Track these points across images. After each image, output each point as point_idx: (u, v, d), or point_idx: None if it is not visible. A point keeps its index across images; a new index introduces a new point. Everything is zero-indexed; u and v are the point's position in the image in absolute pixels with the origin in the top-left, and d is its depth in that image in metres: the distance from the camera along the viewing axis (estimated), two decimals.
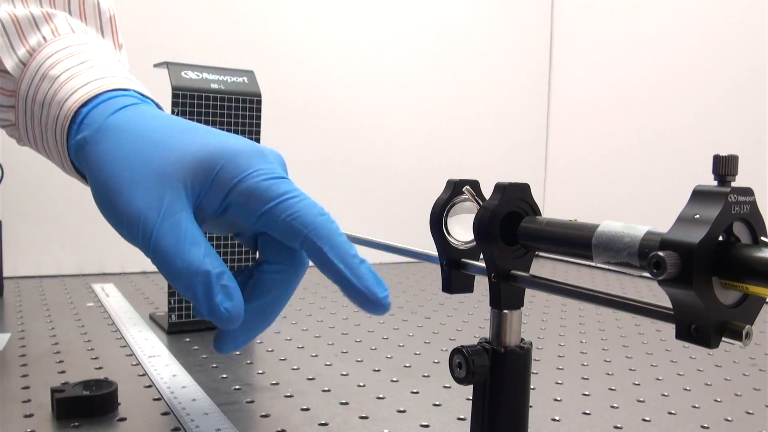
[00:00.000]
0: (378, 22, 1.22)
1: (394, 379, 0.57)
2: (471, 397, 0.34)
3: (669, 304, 0.26)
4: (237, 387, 0.53)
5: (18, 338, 0.65)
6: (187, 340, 0.66)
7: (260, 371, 0.58)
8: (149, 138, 0.38)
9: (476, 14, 1.32)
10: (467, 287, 0.37)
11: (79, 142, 0.39)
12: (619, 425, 0.48)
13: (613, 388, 0.57)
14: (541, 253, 0.33)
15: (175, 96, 0.65)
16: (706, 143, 1.10)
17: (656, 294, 0.93)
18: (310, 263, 0.39)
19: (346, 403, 0.51)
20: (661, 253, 0.23)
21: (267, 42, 1.11)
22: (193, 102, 0.66)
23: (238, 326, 0.36)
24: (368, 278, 0.36)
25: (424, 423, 0.47)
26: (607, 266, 0.28)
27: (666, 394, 0.56)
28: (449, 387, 0.55)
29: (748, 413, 0.52)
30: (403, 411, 0.49)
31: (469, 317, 0.82)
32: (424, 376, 0.58)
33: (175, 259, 0.34)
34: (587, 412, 0.51)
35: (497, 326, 0.33)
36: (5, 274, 0.93)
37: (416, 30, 1.25)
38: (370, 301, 0.36)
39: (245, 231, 0.39)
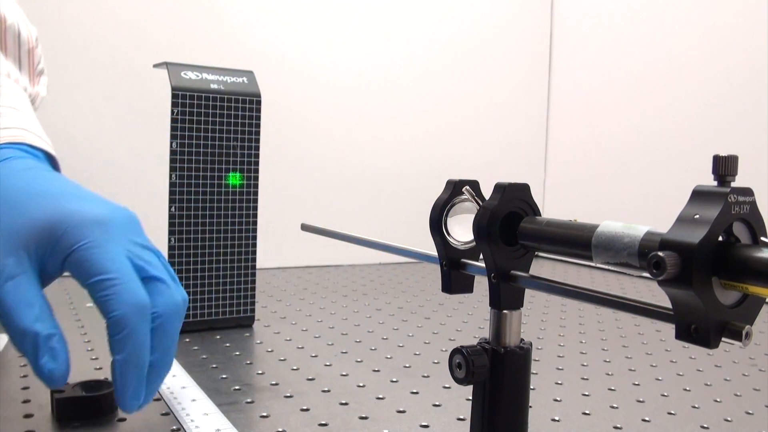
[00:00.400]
0: (378, 22, 1.22)
1: (394, 380, 0.57)
2: (471, 398, 0.34)
3: (669, 305, 0.26)
4: (237, 387, 0.53)
5: None
6: (187, 340, 0.66)
7: (260, 371, 0.58)
8: (6, 199, 0.39)
9: (476, 15, 1.32)
10: (467, 287, 0.37)
11: None
12: (618, 425, 0.48)
13: (612, 388, 0.57)
14: (541, 254, 0.33)
15: (174, 96, 0.65)
16: (705, 143, 1.10)
17: (656, 294, 0.93)
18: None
19: (346, 404, 0.51)
20: (660, 254, 0.23)
21: (267, 42, 1.11)
22: (193, 102, 0.66)
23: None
24: (129, 388, 0.37)
25: (423, 423, 0.47)
26: (606, 266, 0.28)
27: (666, 394, 0.56)
28: (449, 387, 0.55)
29: (748, 413, 0.52)
30: (403, 411, 0.49)
31: (469, 317, 0.82)
32: (423, 377, 0.58)
33: (12, 319, 0.36)
34: (587, 412, 0.51)
35: (497, 326, 0.33)
36: None
37: (416, 30, 1.25)
38: (121, 404, 0.38)
39: None
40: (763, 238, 0.25)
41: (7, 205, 0.39)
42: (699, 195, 0.25)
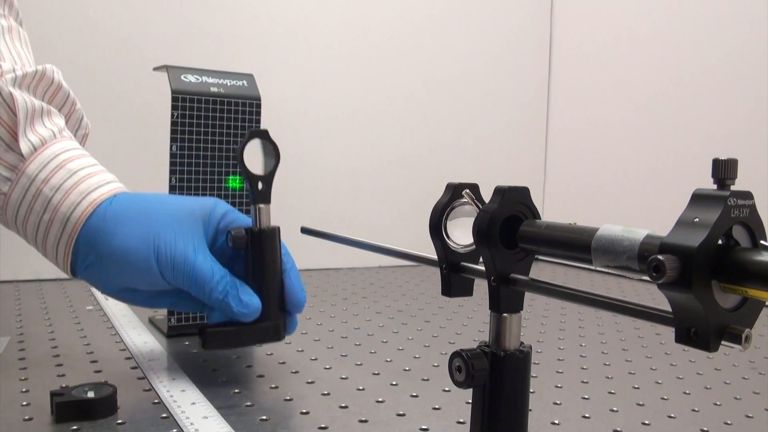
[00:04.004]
0: (378, 26, 1.22)
1: (394, 383, 0.57)
2: (470, 401, 0.34)
3: (668, 308, 0.26)
4: (236, 390, 0.53)
5: (17, 342, 0.65)
6: (187, 343, 0.66)
7: (260, 374, 0.58)
8: (163, 201, 0.55)
9: (476, 18, 1.32)
10: (467, 290, 0.37)
11: (103, 211, 0.52)
12: (618, 429, 0.48)
13: (612, 391, 0.57)
14: (541, 257, 0.33)
15: (174, 99, 0.65)
16: (705, 147, 1.10)
17: (656, 297, 0.93)
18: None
19: (346, 407, 0.51)
20: (660, 257, 0.23)
21: (267, 45, 1.11)
22: (193, 105, 0.66)
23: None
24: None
25: (423, 427, 0.47)
26: (606, 270, 0.28)
27: (665, 397, 0.56)
28: (449, 391, 0.55)
29: (748, 417, 0.52)
30: (403, 414, 0.49)
31: (469, 321, 0.82)
32: (423, 380, 0.58)
33: (213, 278, 0.51)
34: (587, 415, 0.51)
35: (497, 330, 0.33)
36: (4, 277, 0.93)
37: (416, 33, 1.26)
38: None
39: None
40: (762, 242, 0.25)
41: (167, 203, 0.54)
42: (698, 198, 0.25)
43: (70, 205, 0.52)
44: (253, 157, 0.55)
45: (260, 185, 0.55)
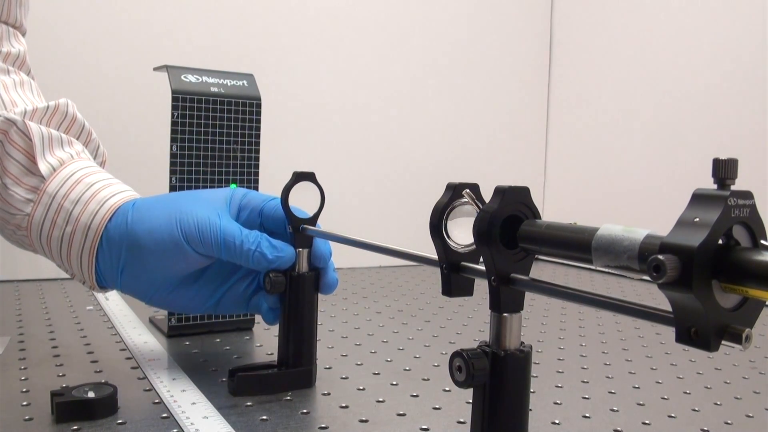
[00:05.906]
0: (378, 26, 1.22)
1: (394, 383, 0.57)
2: (471, 401, 0.34)
3: (669, 307, 0.26)
4: None
5: (17, 341, 0.65)
6: (187, 343, 0.66)
7: None
8: (183, 192, 0.58)
9: (476, 18, 1.32)
10: (467, 290, 0.37)
11: (126, 211, 0.53)
12: (619, 428, 0.48)
13: (612, 391, 0.57)
14: (541, 257, 0.33)
15: (174, 99, 0.65)
16: (705, 147, 1.10)
17: (656, 297, 0.93)
18: None
19: (346, 407, 0.51)
20: (660, 257, 0.23)
21: (267, 46, 1.11)
22: (193, 105, 0.66)
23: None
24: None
25: (423, 426, 0.47)
26: (607, 269, 0.28)
27: (666, 397, 0.56)
28: (449, 390, 0.55)
29: (748, 416, 0.52)
30: (403, 414, 0.49)
31: (469, 320, 0.82)
32: (423, 380, 0.58)
33: (240, 236, 0.51)
34: (587, 415, 0.51)
35: (497, 329, 0.33)
36: (4, 277, 0.93)
37: (416, 33, 1.26)
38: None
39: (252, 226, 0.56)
40: (763, 241, 0.25)
41: (189, 193, 0.57)
42: (699, 198, 0.25)
43: (90, 214, 0.54)
44: (297, 200, 0.54)
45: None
